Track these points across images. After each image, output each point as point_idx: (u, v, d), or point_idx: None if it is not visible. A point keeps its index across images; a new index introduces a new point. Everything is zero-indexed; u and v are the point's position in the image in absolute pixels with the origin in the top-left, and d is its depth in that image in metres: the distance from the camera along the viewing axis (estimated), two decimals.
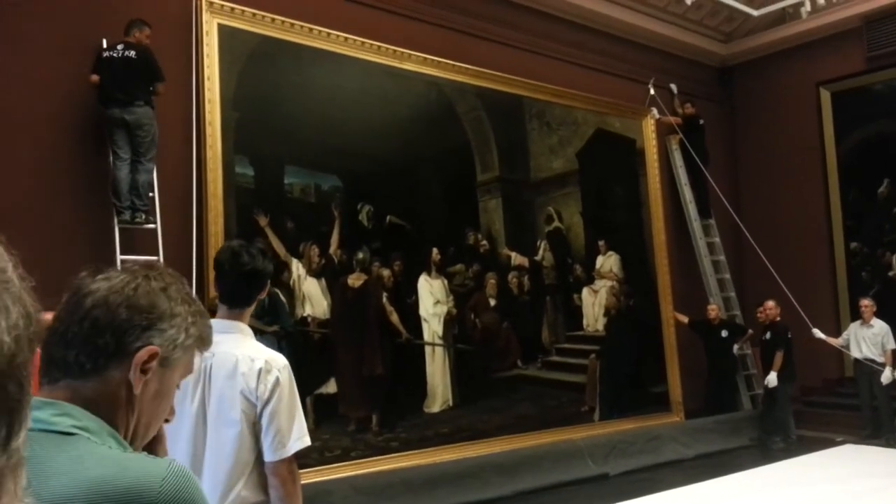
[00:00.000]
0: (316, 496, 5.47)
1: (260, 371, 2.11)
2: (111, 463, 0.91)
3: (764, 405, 8.67)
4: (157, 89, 5.28)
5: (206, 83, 5.68)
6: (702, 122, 9.42)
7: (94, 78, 5.10)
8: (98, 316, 1.01)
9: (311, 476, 5.67)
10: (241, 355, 2.13)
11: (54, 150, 5.09)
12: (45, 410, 0.93)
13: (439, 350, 6.96)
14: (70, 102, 5.19)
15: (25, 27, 5.03)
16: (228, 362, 2.13)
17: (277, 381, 2.11)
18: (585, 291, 8.36)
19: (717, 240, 9.57)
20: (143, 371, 1.03)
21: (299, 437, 2.12)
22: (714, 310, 8.90)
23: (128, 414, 1.04)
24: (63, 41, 5.18)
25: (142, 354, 1.03)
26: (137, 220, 5.12)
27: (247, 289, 2.25)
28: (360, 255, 6.53)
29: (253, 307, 2.31)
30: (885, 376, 7.93)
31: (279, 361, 2.16)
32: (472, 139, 7.59)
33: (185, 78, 5.63)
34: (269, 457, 2.09)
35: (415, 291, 6.89)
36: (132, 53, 5.15)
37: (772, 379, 8.24)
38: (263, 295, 2.34)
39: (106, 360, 1.01)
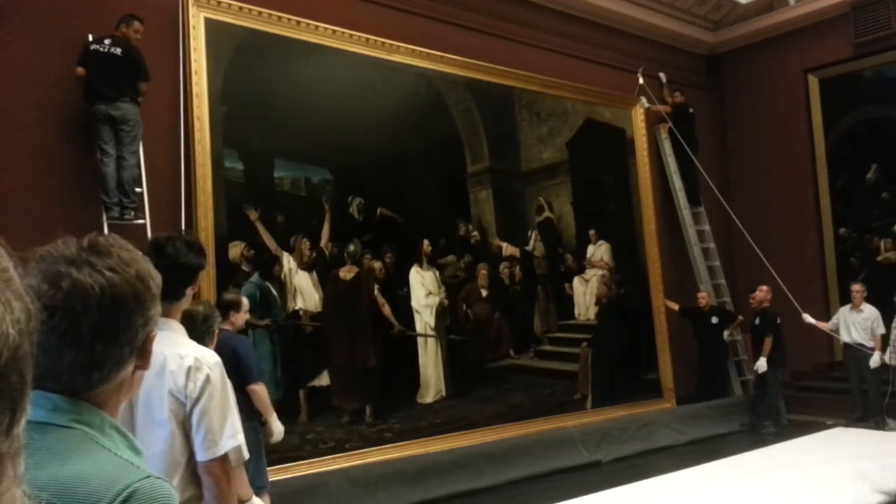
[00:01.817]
0: (311, 488, 5.51)
1: (189, 369, 2.06)
2: (94, 462, 0.92)
3: (755, 390, 8.75)
4: (141, 88, 5.24)
5: (194, 77, 5.67)
6: (691, 110, 9.45)
7: (80, 70, 5.06)
8: (128, 312, 1.00)
9: (305, 468, 5.72)
10: (169, 353, 2.07)
11: (42, 147, 5.08)
12: (47, 404, 0.95)
13: (432, 341, 7.00)
14: (57, 98, 5.17)
15: (10, 22, 5.01)
16: (156, 360, 2.02)
17: (208, 379, 2.06)
18: (576, 280, 8.40)
19: (707, 227, 9.62)
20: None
21: (232, 436, 2.08)
22: (704, 297, 8.96)
23: (123, 397, 1.07)
24: (49, 36, 5.15)
25: (148, 343, 1.06)
26: (126, 217, 5.12)
27: (170, 282, 2.17)
28: (352, 248, 6.54)
29: (183, 302, 2.23)
30: (874, 360, 8.01)
31: (209, 359, 2.11)
32: (462, 130, 7.60)
33: (172, 72, 5.61)
34: (200, 456, 2.05)
35: (406, 283, 6.91)
36: (118, 50, 5.12)
37: (761, 364, 8.32)
38: (193, 290, 2.25)
39: (130, 355, 1.03)
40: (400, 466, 6.12)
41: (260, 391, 4.59)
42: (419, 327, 6.93)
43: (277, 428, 4.74)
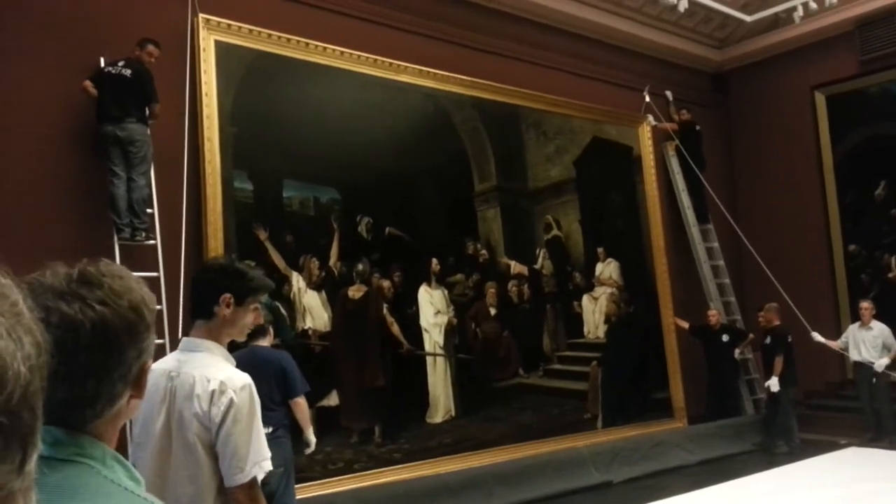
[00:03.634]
0: None
1: (213, 393, 2.00)
2: (108, 500, 0.90)
3: (767, 409, 8.65)
4: (153, 110, 5.27)
5: (204, 99, 5.72)
6: (698, 128, 9.45)
7: (87, 83, 5.09)
8: (120, 346, 0.97)
9: (314, 489, 5.68)
10: (198, 376, 2.03)
11: (54, 168, 5.12)
12: (48, 437, 0.92)
13: (440, 360, 6.97)
14: (70, 119, 5.21)
15: (24, 44, 5.07)
16: (187, 383, 2.04)
17: (231, 403, 1.99)
18: (585, 299, 8.37)
19: (716, 245, 9.58)
20: None
21: (257, 462, 2.01)
22: (714, 315, 8.90)
23: (119, 426, 1.04)
24: (62, 58, 5.20)
25: (143, 375, 1.03)
26: (138, 238, 5.14)
27: (201, 301, 2.14)
28: (360, 267, 6.55)
29: (218, 322, 2.14)
30: (879, 364, 7.94)
31: (236, 382, 2.03)
32: (470, 149, 7.62)
33: (182, 94, 5.65)
34: (226, 482, 1.99)
35: (415, 302, 6.90)
36: (128, 72, 5.17)
37: (773, 383, 8.21)
38: (224, 311, 2.13)
39: (124, 388, 1.00)
40: (409, 487, 6.07)
41: (303, 403, 4.84)
42: (428, 346, 6.91)
43: (312, 440, 5.00)
